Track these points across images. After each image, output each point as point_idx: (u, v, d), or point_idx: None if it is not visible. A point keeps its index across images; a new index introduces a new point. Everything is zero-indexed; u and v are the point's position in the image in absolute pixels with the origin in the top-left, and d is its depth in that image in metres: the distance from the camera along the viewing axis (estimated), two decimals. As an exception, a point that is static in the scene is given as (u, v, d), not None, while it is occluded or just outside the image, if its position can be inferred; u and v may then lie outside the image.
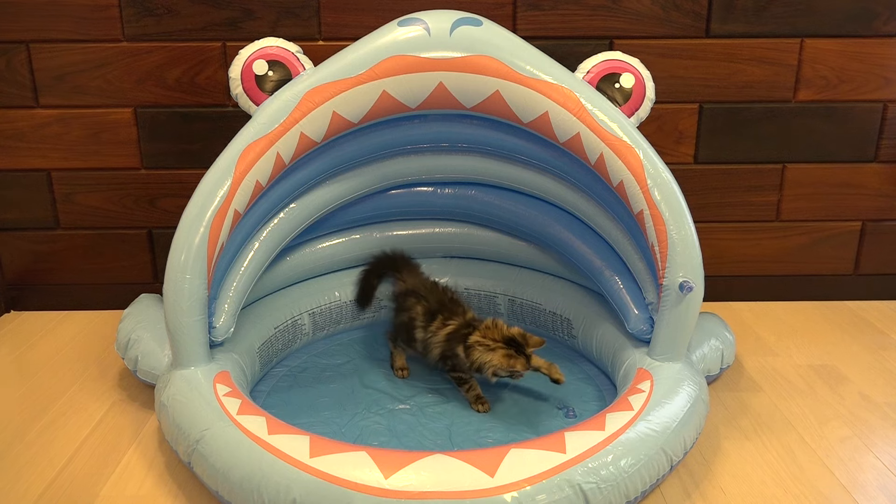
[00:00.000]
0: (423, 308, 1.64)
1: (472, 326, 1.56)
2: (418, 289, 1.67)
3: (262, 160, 1.45)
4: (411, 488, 1.11)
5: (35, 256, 2.08)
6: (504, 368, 1.48)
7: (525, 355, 1.48)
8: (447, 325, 1.59)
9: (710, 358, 1.63)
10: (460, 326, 1.57)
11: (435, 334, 1.60)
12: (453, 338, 1.56)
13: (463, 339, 1.54)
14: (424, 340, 1.62)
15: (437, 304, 1.63)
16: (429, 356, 1.63)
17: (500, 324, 1.54)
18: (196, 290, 1.41)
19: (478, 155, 1.74)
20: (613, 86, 1.57)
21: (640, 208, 1.48)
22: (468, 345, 1.52)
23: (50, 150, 1.99)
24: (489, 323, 1.54)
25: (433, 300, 1.64)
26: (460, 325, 1.57)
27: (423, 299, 1.65)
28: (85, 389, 1.69)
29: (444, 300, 1.64)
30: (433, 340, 1.60)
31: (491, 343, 1.49)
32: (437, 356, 1.61)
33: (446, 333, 1.58)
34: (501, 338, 1.50)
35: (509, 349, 1.48)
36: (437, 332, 1.59)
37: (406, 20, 1.52)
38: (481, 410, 1.56)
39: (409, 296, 1.67)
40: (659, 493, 1.34)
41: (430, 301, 1.64)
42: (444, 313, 1.61)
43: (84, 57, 1.91)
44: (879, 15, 1.94)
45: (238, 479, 1.19)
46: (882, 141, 2.04)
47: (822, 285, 2.16)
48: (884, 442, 1.51)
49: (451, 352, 1.57)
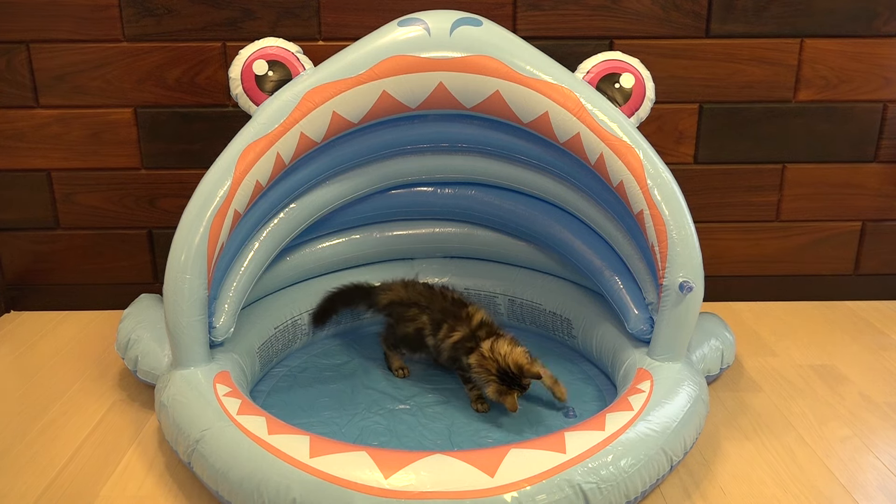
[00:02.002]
0: (429, 318, 1.64)
1: (477, 339, 1.55)
2: (419, 300, 1.68)
3: (262, 160, 1.45)
4: (411, 488, 1.11)
5: (35, 256, 2.08)
6: (495, 400, 1.49)
7: (520, 386, 1.48)
8: (453, 335, 1.59)
9: (710, 358, 1.63)
10: (465, 339, 1.57)
11: (443, 341, 1.61)
12: (458, 348, 1.57)
13: (467, 351, 1.54)
14: (435, 346, 1.63)
15: (441, 313, 1.63)
16: (440, 358, 1.64)
17: (501, 348, 1.50)
18: (196, 290, 1.41)
19: (478, 155, 1.74)
20: (613, 86, 1.57)
21: (640, 208, 1.48)
22: (469, 363, 1.53)
23: (50, 150, 1.99)
24: (486, 350, 1.50)
25: (436, 309, 1.64)
26: (465, 336, 1.57)
27: (427, 309, 1.65)
28: (85, 389, 1.69)
29: (445, 306, 1.64)
30: (443, 346, 1.61)
31: (485, 375, 1.49)
32: (446, 359, 1.62)
33: (452, 343, 1.59)
34: (496, 370, 1.48)
35: (502, 385, 1.47)
36: (445, 340, 1.60)
37: (406, 20, 1.52)
38: (480, 410, 1.56)
39: (411, 307, 1.67)
40: (659, 492, 1.34)
41: (433, 310, 1.64)
42: (450, 320, 1.61)
43: (84, 57, 1.91)
44: (879, 15, 1.94)
45: (238, 479, 1.19)
46: (882, 141, 2.04)
47: (822, 285, 2.16)
48: (884, 442, 1.51)
49: (457, 357, 1.58)
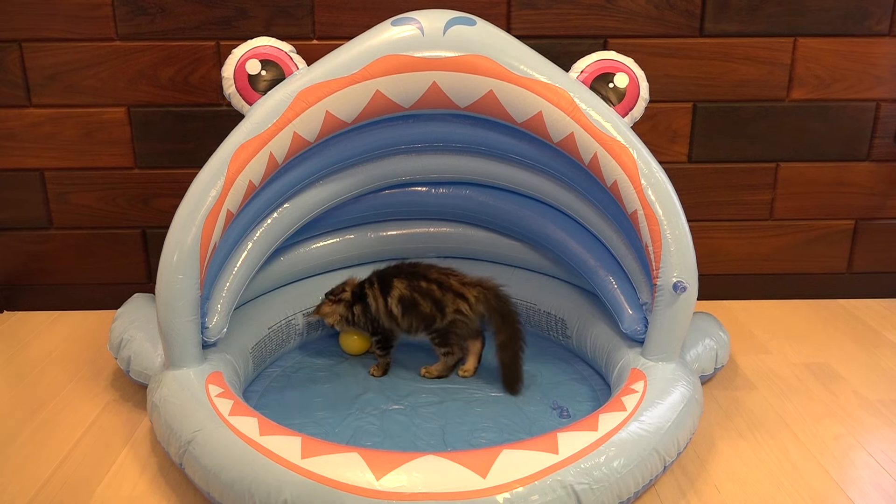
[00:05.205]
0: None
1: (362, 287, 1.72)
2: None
3: (255, 160, 1.45)
4: (403, 489, 1.11)
5: (28, 256, 2.08)
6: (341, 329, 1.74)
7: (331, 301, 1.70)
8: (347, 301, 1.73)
9: (705, 357, 1.63)
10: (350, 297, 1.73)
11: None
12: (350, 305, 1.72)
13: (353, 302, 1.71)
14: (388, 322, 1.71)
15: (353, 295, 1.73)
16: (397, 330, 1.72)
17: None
18: (188, 291, 1.41)
19: (472, 155, 1.74)
20: (607, 85, 1.57)
21: (634, 208, 1.48)
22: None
23: (43, 150, 1.98)
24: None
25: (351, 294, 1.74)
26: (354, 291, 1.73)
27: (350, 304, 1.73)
28: (78, 390, 1.69)
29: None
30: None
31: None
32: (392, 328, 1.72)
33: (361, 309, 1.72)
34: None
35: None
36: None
37: (399, 19, 1.51)
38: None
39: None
40: (654, 491, 1.35)
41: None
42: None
43: (77, 56, 1.91)
44: (872, 14, 1.94)
45: (229, 480, 1.19)
46: (875, 140, 2.05)
47: (815, 284, 2.16)
48: (877, 439, 1.51)
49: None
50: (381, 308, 1.67)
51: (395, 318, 1.67)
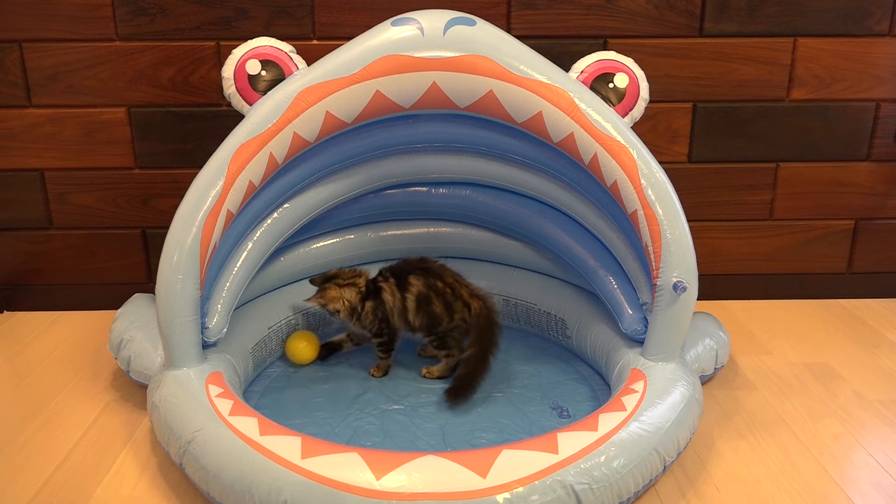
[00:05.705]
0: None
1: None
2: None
3: (255, 160, 1.45)
4: (403, 489, 1.11)
5: (28, 256, 2.08)
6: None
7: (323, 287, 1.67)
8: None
9: (705, 357, 1.63)
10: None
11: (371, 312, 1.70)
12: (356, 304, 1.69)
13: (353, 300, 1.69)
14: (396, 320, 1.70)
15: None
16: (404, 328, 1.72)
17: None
18: (189, 291, 1.41)
19: (472, 155, 1.74)
20: (607, 85, 1.57)
21: (635, 208, 1.48)
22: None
23: (43, 150, 1.98)
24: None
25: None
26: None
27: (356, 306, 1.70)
28: (78, 390, 1.69)
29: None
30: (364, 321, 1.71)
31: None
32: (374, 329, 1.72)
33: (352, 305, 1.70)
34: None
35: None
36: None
37: (399, 20, 1.51)
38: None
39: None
40: (654, 491, 1.35)
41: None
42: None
43: (77, 56, 1.91)
44: (872, 14, 1.94)
45: (229, 480, 1.19)
46: (875, 140, 2.05)
47: (815, 284, 2.17)
48: (877, 439, 1.51)
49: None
50: (397, 304, 1.66)
51: (406, 314, 1.66)
